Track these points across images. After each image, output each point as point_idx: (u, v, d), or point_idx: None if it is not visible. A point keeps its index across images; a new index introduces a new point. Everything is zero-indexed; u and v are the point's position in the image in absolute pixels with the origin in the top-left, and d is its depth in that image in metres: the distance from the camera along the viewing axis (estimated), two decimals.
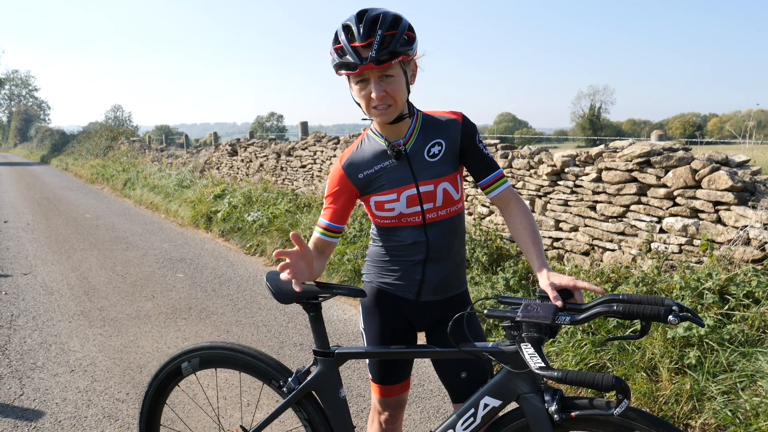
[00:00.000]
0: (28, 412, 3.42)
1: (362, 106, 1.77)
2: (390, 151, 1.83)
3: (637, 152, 4.55)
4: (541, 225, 5.46)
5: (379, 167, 1.85)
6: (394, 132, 1.84)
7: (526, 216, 1.83)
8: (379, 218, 1.91)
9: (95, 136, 29.43)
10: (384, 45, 1.64)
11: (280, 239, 7.47)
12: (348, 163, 1.90)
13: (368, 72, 1.68)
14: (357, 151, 1.91)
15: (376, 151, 1.87)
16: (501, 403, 1.66)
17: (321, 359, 1.91)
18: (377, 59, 1.64)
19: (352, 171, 1.88)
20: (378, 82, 1.69)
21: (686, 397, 3.09)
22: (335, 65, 1.72)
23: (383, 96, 1.70)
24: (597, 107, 73.45)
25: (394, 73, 1.70)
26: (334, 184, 1.91)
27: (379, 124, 1.84)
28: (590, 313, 1.48)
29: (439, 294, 1.96)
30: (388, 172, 1.84)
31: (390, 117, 1.76)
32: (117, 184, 16.21)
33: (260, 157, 11.76)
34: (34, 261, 7.39)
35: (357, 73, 1.68)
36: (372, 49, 1.63)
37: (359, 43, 1.65)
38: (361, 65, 1.65)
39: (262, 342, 4.50)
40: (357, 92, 1.74)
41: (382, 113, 1.74)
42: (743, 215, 3.90)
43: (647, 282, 3.92)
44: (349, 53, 1.66)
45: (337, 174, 1.91)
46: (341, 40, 1.68)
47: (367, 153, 1.88)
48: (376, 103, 1.72)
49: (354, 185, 1.89)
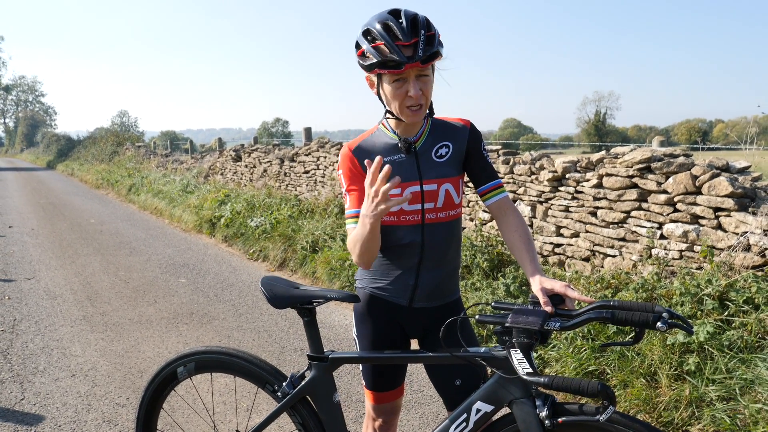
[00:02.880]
0: (28, 417, 3.44)
1: (394, 106, 1.78)
2: (401, 144, 1.85)
3: (637, 158, 4.55)
4: (542, 231, 5.46)
5: (388, 159, 1.86)
6: (407, 130, 1.88)
7: (521, 225, 1.87)
8: None
9: (101, 141, 29.59)
10: (429, 44, 1.70)
11: (283, 245, 7.49)
12: (357, 149, 1.90)
13: (408, 71, 1.71)
14: (368, 140, 1.92)
15: (387, 144, 1.89)
16: (493, 408, 1.66)
17: (315, 364, 1.92)
18: (424, 58, 1.68)
19: (361, 157, 1.87)
20: (416, 81, 1.73)
21: (685, 403, 3.08)
22: (372, 64, 1.72)
23: (419, 95, 1.73)
24: (602, 113, 73.41)
25: (429, 73, 1.75)
26: (347, 170, 1.89)
27: (398, 122, 1.85)
28: (580, 319, 1.49)
29: (432, 301, 1.97)
30: (396, 166, 1.85)
31: (420, 117, 1.80)
32: (122, 189, 16.29)
33: (264, 162, 11.80)
34: (38, 266, 7.43)
35: (400, 72, 1.70)
36: (419, 48, 1.68)
37: (405, 41, 1.68)
38: (408, 63, 1.68)
39: (263, 347, 4.51)
40: (392, 91, 1.75)
41: (416, 113, 1.78)
42: (743, 221, 3.89)
43: (647, 288, 3.91)
44: (395, 52, 1.68)
45: (346, 159, 1.90)
46: (385, 38, 1.69)
47: (378, 144, 1.90)
48: (412, 102, 1.75)
49: (363, 171, 1.87)
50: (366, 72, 1.80)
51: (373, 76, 1.80)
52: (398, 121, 1.85)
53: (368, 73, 1.79)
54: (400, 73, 1.71)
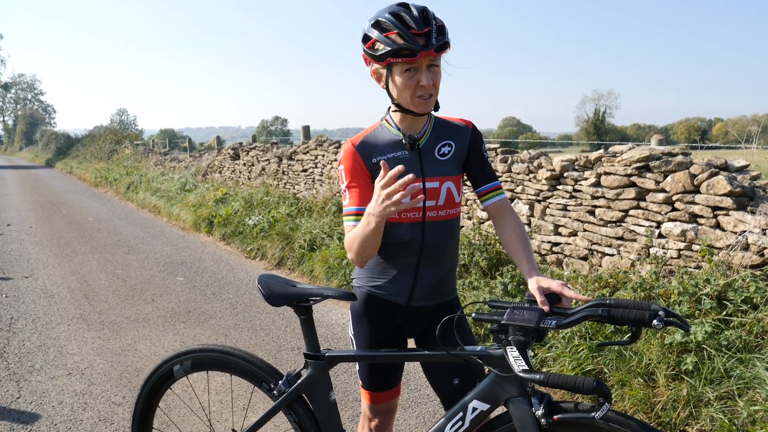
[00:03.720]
0: (24, 415, 3.43)
1: (405, 96, 1.77)
2: (405, 141, 1.85)
3: (636, 157, 4.54)
4: (540, 230, 5.45)
5: (391, 156, 1.85)
6: (411, 126, 1.87)
7: (518, 225, 1.88)
8: None
9: (99, 139, 29.56)
10: (442, 34, 1.72)
11: (281, 243, 7.48)
12: (361, 144, 1.88)
13: (421, 60, 1.72)
14: (371, 136, 1.91)
15: (391, 140, 1.88)
16: (489, 407, 1.65)
17: (311, 362, 1.91)
18: (438, 46, 1.70)
19: (365, 153, 1.86)
20: (427, 71, 1.74)
21: (683, 403, 3.07)
22: (384, 53, 1.72)
23: (431, 84, 1.74)
24: (602, 112, 73.33)
25: (438, 64, 1.77)
26: (349, 166, 1.86)
27: (403, 117, 1.85)
28: (576, 317, 1.48)
29: (430, 300, 1.96)
30: (399, 162, 1.82)
31: (430, 108, 1.81)
32: (120, 187, 16.26)
33: (262, 161, 11.78)
34: (36, 264, 7.41)
35: (413, 60, 1.70)
36: (432, 36, 1.69)
37: (418, 30, 1.69)
38: (423, 51, 1.69)
39: (260, 346, 4.50)
40: (403, 81, 1.75)
41: (426, 102, 1.78)
42: (742, 220, 3.89)
43: (645, 287, 3.90)
44: (409, 40, 1.68)
45: (349, 155, 1.87)
46: (398, 26, 1.70)
47: (382, 140, 1.89)
48: (423, 91, 1.75)
49: (366, 168, 1.86)
50: (376, 63, 1.78)
51: (381, 68, 1.78)
52: (403, 116, 1.85)
53: (378, 64, 1.77)
54: (413, 62, 1.71)
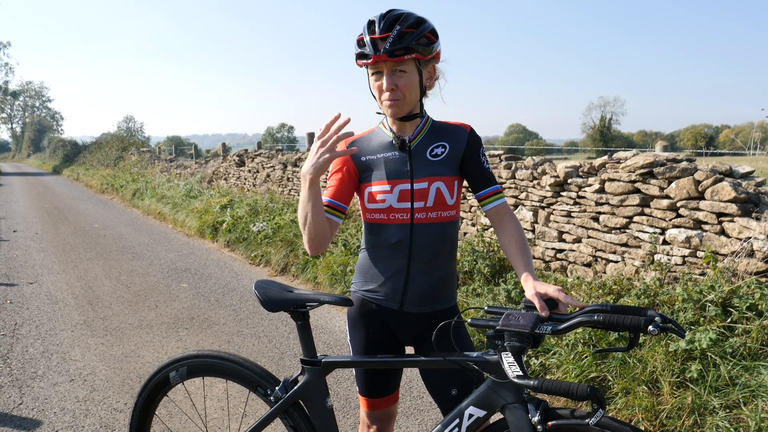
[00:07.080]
0: (26, 422, 3.43)
1: (378, 99, 1.86)
2: (395, 141, 1.89)
3: (640, 163, 4.52)
4: (544, 236, 5.43)
5: (381, 156, 1.90)
6: (402, 128, 1.91)
7: (517, 230, 1.87)
8: (370, 211, 1.92)
9: (106, 146, 29.73)
10: (400, 39, 1.74)
11: (285, 250, 7.48)
12: (351, 144, 1.95)
13: (382, 64, 1.77)
14: (364, 137, 1.97)
15: (382, 141, 1.93)
16: (485, 413, 1.64)
17: (308, 368, 1.90)
18: (390, 51, 1.72)
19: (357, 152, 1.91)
20: (390, 75, 1.78)
21: (687, 411, 3.04)
22: (355, 56, 1.81)
23: (393, 89, 1.78)
24: (608, 118, 73.26)
25: (407, 69, 1.79)
26: (336, 163, 1.94)
27: (391, 118, 1.89)
28: (571, 323, 1.47)
29: (424, 306, 1.94)
30: (389, 163, 1.89)
31: (399, 111, 1.83)
32: (126, 194, 16.34)
33: (267, 167, 11.81)
34: (41, 270, 7.44)
35: (371, 63, 1.76)
36: (387, 41, 1.73)
37: (378, 35, 1.74)
38: (374, 56, 1.74)
39: (263, 352, 4.49)
40: (371, 83, 1.84)
41: (392, 105, 1.82)
42: (747, 227, 3.85)
43: (649, 294, 3.87)
44: (367, 44, 1.75)
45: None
46: (364, 31, 1.78)
47: (374, 141, 1.95)
48: (387, 95, 1.80)
49: (355, 165, 1.93)
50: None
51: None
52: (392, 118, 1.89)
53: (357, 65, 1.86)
54: (373, 65, 1.78)
